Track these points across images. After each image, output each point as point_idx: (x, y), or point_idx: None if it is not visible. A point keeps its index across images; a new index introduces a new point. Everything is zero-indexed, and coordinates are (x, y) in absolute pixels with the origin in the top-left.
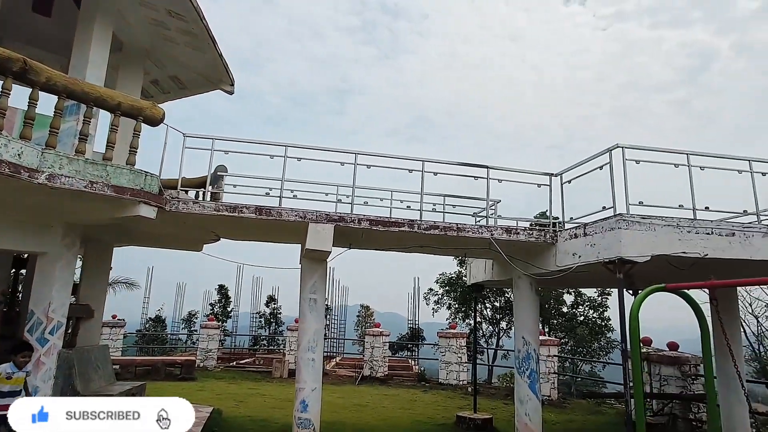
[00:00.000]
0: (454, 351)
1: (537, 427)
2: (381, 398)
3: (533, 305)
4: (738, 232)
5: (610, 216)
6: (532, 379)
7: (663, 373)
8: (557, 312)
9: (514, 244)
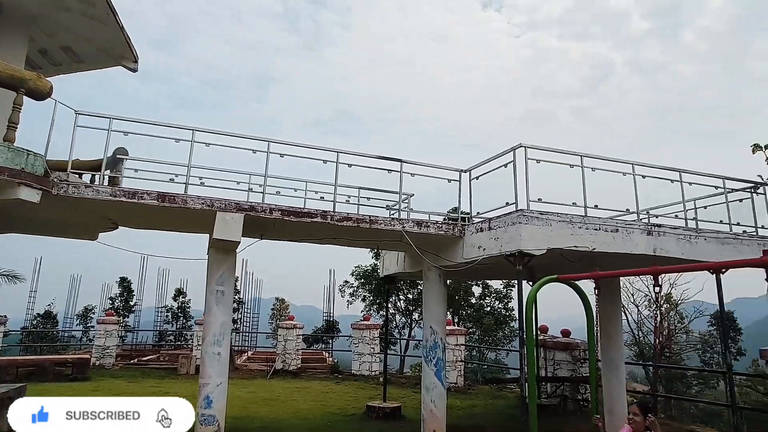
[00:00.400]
0: (367, 342)
1: (441, 413)
2: (293, 391)
3: (441, 296)
4: (621, 229)
5: (512, 211)
6: (438, 367)
7: (557, 358)
8: (466, 303)
9: (425, 237)
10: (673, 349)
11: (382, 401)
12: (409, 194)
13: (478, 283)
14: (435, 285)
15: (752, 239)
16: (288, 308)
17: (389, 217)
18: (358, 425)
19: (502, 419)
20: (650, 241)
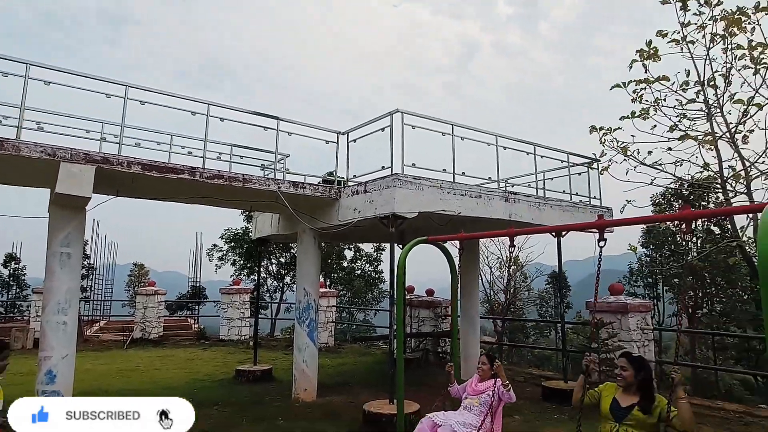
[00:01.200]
0: (236, 307)
1: (313, 372)
2: (154, 360)
3: (315, 258)
4: (483, 195)
5: (388, 175)
6: (311, 328)
7: (421, 315)
8: (338, 266)
9: (301, 198)
10: (517, 305)
11: (253, 364)
12: (285, 154)
13: (350, 247)
14: (310, 247)
15: (587, 207)
16: (148, 275)
17: (264, 176)
18: (227, 390)
19: (369, 374)
20: (507, 207)
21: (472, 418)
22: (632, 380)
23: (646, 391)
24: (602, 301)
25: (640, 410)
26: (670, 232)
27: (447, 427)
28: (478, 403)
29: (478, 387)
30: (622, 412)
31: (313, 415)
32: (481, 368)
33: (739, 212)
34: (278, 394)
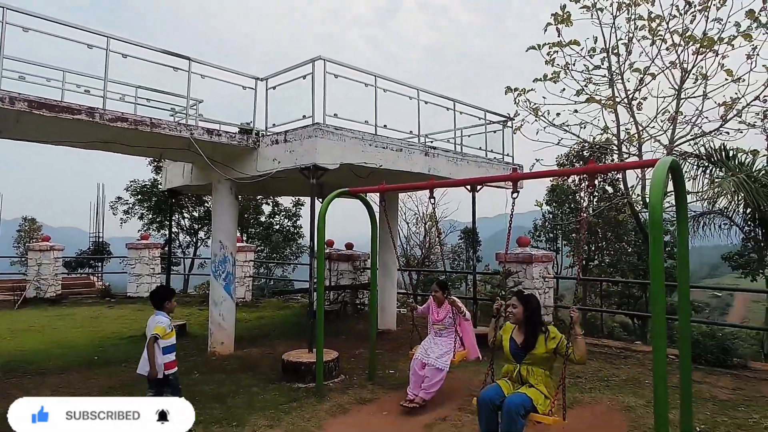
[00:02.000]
0: (146, 263)
1: (230, 325)
2: (52, 320)
3: (232, 210)
4: (404, 149)
5: (309, 125)
6: (227, 281)
7: (340, 268)
8: (256, 221)
9: (216, 146)
10: (432, 259)
11: None
12: (198, 100)
13: (267, 201)
14: (226, 198)
15: (501, 164)
16: (41, 230)
17: (175, 121)
18: (137, 347)
19: (288, 326)
20: (427, 162)
21: (445, 342)
22: (521, 317)
23: (532, 328)
24: (510, 252)
25: (536, 348)
26: (570, 191)
27: (431, 368)
28: (444, 327)
29: (438, 315)
30: (520, 352)
31: (230, 368)
32: (434, 295)
33: (635, 167)
34: (193, 349)
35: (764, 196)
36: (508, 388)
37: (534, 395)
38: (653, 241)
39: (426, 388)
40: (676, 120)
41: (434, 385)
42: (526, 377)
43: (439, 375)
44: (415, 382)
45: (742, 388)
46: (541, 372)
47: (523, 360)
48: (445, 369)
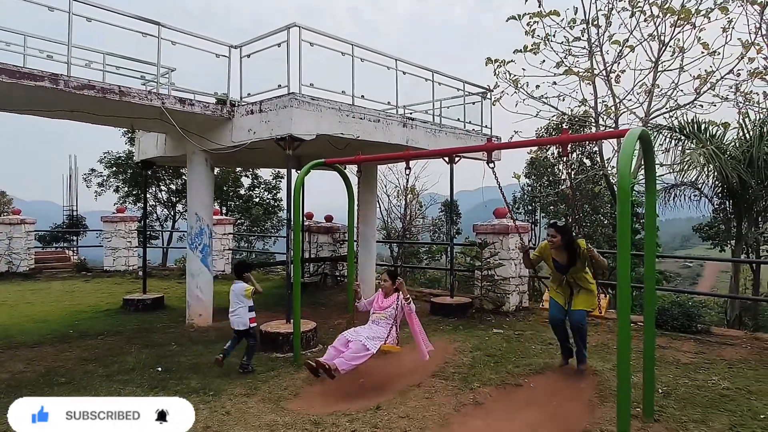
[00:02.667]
0: (122, 236)
1: (208, 297)
2: (25, 294)
3: (207, 181)
4: (382, 120)
5: (284, 95)
6: (204, 253)
7: (319, 241)
8: (235, 194)
9: (190, 116)
10: (412, 232)
11: (142, 293)
12: (170, 68)
13: (247, 174)
14: (200, 169)
15: (479, 135)
16: (11, 203)
17: (145, 90)
18: (114, 320)
19: (267, 298)
20: (405, 133)
21: (379, 330)
22: (560, 243)
23: (572, 249)
24: (487, 223)
25: (574, 262)
26: (549, 164)
27: (357, 342)
28: (384, 317)
29: (383, 303)
30: (563, 268)
31: (208, 339)
32: (383, 285)
33: (607, 137)
34: (171, 322)
35: (733, 168)
36: (563, 298)
37: (584, 303)
38: (620, 209)
39: (346, 358)
40: (653, 93)
41: (355, 359)
42: (574, 282)
43: (364, 351)
44: (330, 354)
45: (704, 352)
46: (582, 276)
47: (569, 272)
48: (372, 350)
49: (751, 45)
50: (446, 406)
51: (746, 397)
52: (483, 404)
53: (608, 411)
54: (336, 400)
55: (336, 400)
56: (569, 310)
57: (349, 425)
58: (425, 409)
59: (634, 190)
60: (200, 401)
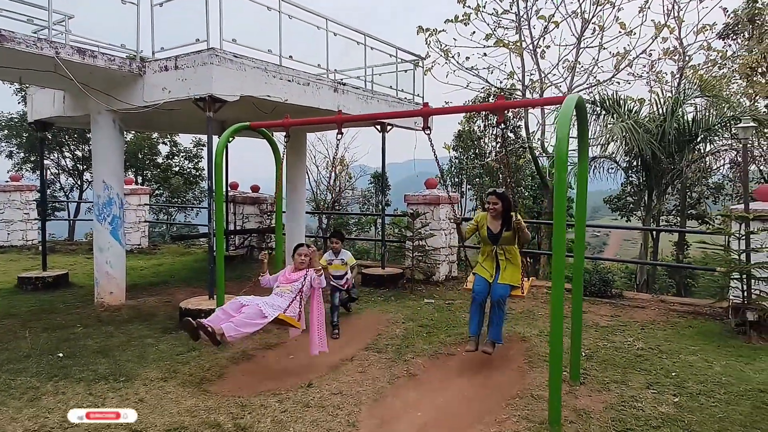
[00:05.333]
0: (17, 207)
1: (120, 273)
2: None
3: (116, 145)
4: (312, 83)
5: (203, 50)
6: (114, 225)
7: (245, 212)
8: (152, 162)
9: (93, 71)
10: (342, 203)
11: (42, 270)
12: (67, 14)
13: (165, 141)
14: (108, 132)
15: (411, 104)
16: None
17: (35, 36)
18: (6, 301)
19: (189, 273)
20: (336, 98)
21: (281, 300)
22: (501, 210)
23: (508, 216)
24: (418, 194)
25: (507, 231)
26: (476, 136)
27: (253, 306)
28: (289, 290)
29: (291, 276)
30: (495, 236)
31: (121, 319)
32: (301, 260)
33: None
34: (77, 301)
35: (648, 142)
36: (488, 273)
37: (510, 277)
38: (558, 177)
39: (236, 323)
40: (575, 69)
41: (247, 326)
42: (502, 254)
43: (259, 319)
44: (218, 317)
45: (619, 315)
46: (512, 248)
47: (500, 242)
48: (269, 317)
49: (664, 26)
50: (380, 380)
51: (658, 356)
52: (417, 375)
53: (538, 376)
54: (264, 379)
55: (264, 380)
56: (493, 283)
57: (278, 406)
58: (359, 383)
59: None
60: (109, 389)
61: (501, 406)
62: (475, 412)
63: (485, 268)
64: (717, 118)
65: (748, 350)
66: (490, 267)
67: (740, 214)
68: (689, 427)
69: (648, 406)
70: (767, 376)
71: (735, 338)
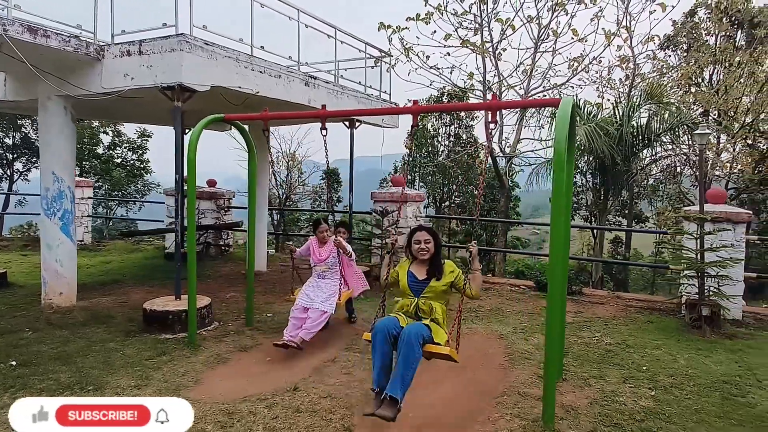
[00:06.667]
0: None
1: (71, 272)
2: None
3: (68, 134)
4: (284, 75)
5: (172, 35)
6: (65, 220)
7: (201, 207)
8: (92, 153)
9: (44, 52)
10: (293, 199)
11: None
12: None
13: (106, 130)
14: (59, 120)
15: (379, 100)
16: None
17: None
18: None
19: (142, 271)
20: (307, 92)
21: (329, 286)
22: (434, 251)
23: (437, 261)
24: (385, 191)
25: (436, 280)
26: (429, 135)
27: (314, 310)
28: (327, 268)
29: (321, 254)
30: (419, 285)
31: (75, 322)
32: (323, 234)
33: (539, 104)
34: (20, 303)
35: (608, 145)
36: (405, 321)
37: (433, 327)
38: (556, 178)
39: (308, 328)
40: (532, 72)
41: (316, 326)
42: (425, 311)
43: (322, 316)
44: (294, 325)
45: (582, 311)
46: (438, 305)
47: (423, 293)
48: (330, 311)
49: (614, 35)
50: (367, 381)
51: (627, 351)
52: None
53: (521, 373)
54: (245, 383)
55: (245, 384)
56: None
57: (268, 412)
58: (346, 386)
59: (512, 163)
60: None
61: (491, 404)
62: (465, 411)
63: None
64: (667, 124)
65: (705, 344)
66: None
67: (698, 216)
68: (670, 419)
69: (629, 400)
70: (727, 368)
71: (691, 332)
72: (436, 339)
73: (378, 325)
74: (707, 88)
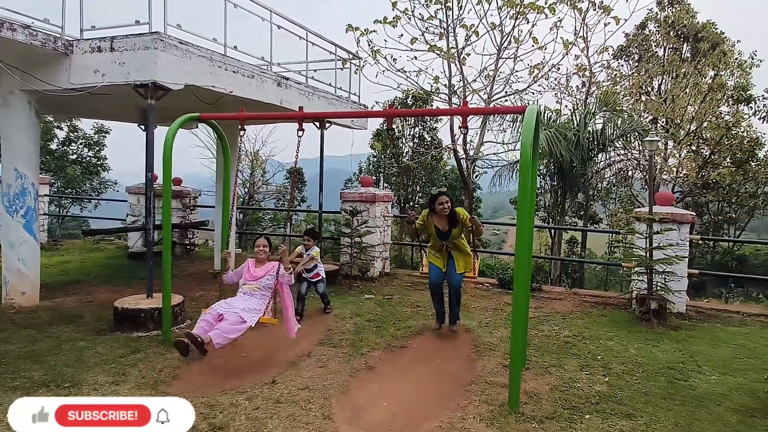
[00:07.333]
0: None
1: (34, 271)
2: None
3: (32, 130)
4: (257, 75)
5: (146, 33)
6: (28, 218)
7: None
8: (45, 149)
9: (8, 45)
10: (256, 198)
11: None
12: None
13: (61, 125)
14: (23, 115)
15: (349, 102)
16: None
17: None
18: None
19: (104, 270)
20: (279, 92)
21: (255, 302)
22: (450, 208)
23: (453, 216)
24: (355, 191)
25: (455, 228)
26: (394, 136)
27: (233, 314)
28: (258, 288)
29: (256, 273)
30: (444, 234)
31: (41, 322)
32: (262, 251)
33: (506, 111)
34: None
35: (567, 149)
36: (442, 262)
37: (462, 265)
38: (522, 181)
39: (222, 331)
40: (495, 78)
41: (233, 331)
42: (450, 247)
43: (240, 324)
44: (202, 329)
45: (542, 306)
46: (459, 241)
47: (449, 239)
48: (250, 323)
49: (572, 44)
50: (342, 373)
51: (583, 342)
52: (375, 368)
53: (487, 363)
54: (222, 378)
55: (222, 378)
56: (449, 273)
57: (248, 403)
58: (322, 378)
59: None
60: (54, 396)
61: (460, 392)
62: (437, 398)
63: (438, 258)
64: (620, 131)
65: (653, 335)
66: (442, 257)
67: (647, 217)
68: (622, 401)
69: (585, 386)
70: (671, 356)
71: (640, 325)
72: (462, 268)
73: (433, 280)
74: (656, 97)
